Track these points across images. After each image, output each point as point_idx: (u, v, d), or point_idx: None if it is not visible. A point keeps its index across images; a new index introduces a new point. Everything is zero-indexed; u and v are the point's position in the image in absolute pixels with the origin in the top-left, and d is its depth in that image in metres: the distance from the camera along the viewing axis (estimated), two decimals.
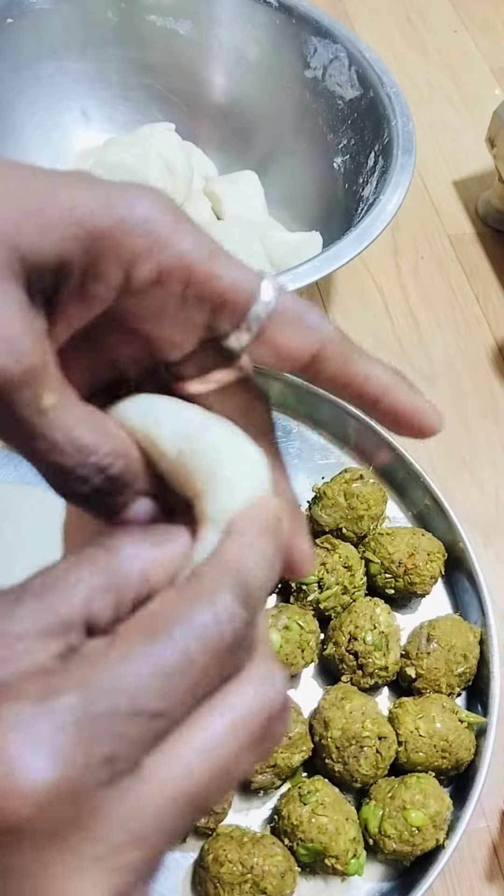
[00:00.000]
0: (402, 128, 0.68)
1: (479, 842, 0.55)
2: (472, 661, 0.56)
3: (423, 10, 1.10)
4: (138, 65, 0.80)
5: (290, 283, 0.57)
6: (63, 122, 0.80)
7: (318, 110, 0.76)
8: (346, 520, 0.60)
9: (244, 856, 0.47)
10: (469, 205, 0.91)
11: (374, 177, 0.68)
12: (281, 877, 0.47)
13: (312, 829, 0.48)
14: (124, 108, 0.82)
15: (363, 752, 0.51)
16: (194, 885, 0.50)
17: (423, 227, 0.88)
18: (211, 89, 0.81)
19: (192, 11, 0.77)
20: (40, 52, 0.76)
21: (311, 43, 0.75)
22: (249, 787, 0.52)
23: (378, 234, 0.61)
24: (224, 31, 0.78)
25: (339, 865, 0.49)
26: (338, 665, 0.56)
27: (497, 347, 0.79)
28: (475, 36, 1.08)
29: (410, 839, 0.49)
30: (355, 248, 0.60)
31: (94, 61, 0.79)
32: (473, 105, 1.00)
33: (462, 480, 0.70)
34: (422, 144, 0.70)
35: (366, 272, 0.83)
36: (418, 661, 0.56)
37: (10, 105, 0.76)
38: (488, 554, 0.66)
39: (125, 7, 0.77)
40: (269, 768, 0.51)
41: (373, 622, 0.55)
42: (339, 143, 0.74)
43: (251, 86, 0.79)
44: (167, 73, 0.81)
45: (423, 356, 0.78)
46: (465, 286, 0.84)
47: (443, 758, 0.52)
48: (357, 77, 0.72)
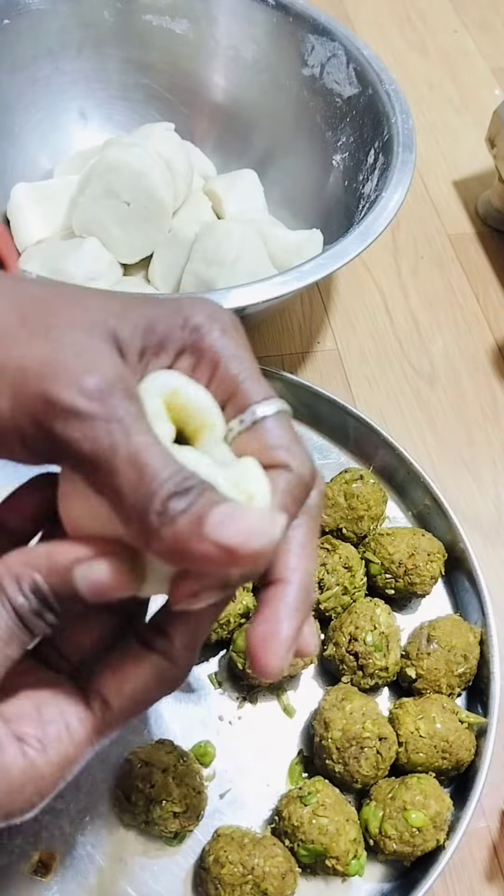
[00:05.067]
0: (402, 125, 0.68)
1: (479, 842, 0.55)
2: (472, 662, 0.56)
3: (423, 10, 1.10)
4: (136, 65, 0.80)
5: (293, 281, 0.57)
6: (61, 122, 0.80)
7: (316, 108, 0.76)
8: (346, 520, 0.60)
9: (245, 857, 0.47)
10: (469, 205, 0.90)
11: (374, 174, 0.68)
12: (282, 878, 0.47)
13: (313, 830, 0.48)
14: (122, 108, 0.82)
15: (363, 752, 0.51)
16: (195, 887, 0.50)
17: (423, 227, 0.88)
18: (209, 88, 0.81)
19: (189, 11, 0.77)
20: (37, 52, 0.75)
21: (308, 41, 0.74)
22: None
23: (381, 231, 0.61)
24: (221, 29, 0.78)
25: (340, 866, 0.48)
26: (338, 666, 0.56)
27: (497, 347, 0.79)
28: (475, 36, 1.08)
29: (411, 840, 0.49)
30: (358, 246, 0.60)
31: (92, 61, 0.79)
32: (473, 105, 1.00)
33: (462, 480, 0.70)
34: (422, 144, 0.70)
35: (366, 272, 0.83)
36: (418, 661, 0.55)
37: (9, 106, 0.76)
38: (488, 554, 0.66)
39: (122, 7, 0.77)
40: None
41: (373, 623, 0.55)
42: (339, 141, 0.74)
43: (249, 84, 0.79)
44: (165, 72, 0.80)
45: (423, 356, 0.78)
46: (465, 286, 0.83)
47: (443, 758, 0.52)
48: (355, 74, 0.72)
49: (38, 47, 0.75)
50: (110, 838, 0.51)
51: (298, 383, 0.68)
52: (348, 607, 0.57)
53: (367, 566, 0.59)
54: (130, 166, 0.68)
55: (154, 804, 0.48)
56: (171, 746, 0.51)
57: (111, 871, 0.50)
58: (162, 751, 0.50)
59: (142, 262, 0.73)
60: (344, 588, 0.57)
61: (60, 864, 0.50)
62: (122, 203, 0.69)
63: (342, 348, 0.77)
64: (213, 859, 0.47)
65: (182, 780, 0.49)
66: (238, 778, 0.54)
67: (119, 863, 0.50)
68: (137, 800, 0.49)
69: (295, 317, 0.79)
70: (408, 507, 0.66)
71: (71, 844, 0.50)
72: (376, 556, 0.59)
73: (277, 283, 0.57)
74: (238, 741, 0.55)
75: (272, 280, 0.57)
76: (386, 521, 0.64)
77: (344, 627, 0.56)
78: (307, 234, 0.72)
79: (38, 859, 0.50)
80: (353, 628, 0.55)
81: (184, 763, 0.50)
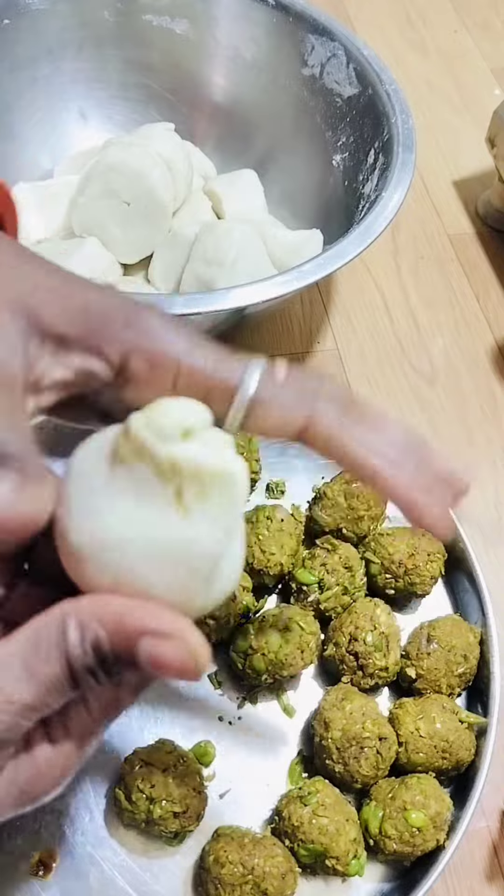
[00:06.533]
0: (402, 125, 0.68)
1: (479, 842, 0.55)
2: (472, 662, 0.56)
3: (423, 10, 1.10)
4: (136, 65, 0.80)
5: (293, 281, 0.57)
6: (61, 122, 0.80)
7: (316, 108, 0.76)
8: (346, 520, 0.60)
9: (245, 857, 0.47)
10: (469, 205, 0.90)
11: (374, 174, 0.68)
12: (282, 878, 0.47)
13: (313, 830, 0.48)
14: (122, 108, 0.82)
15: (363, 752, 0.51)
16: (195, 887, 0.50)
17: (423, 227, 0.88)
18: (209, 88, 0.81)
19: (189, 10, 0.77)
20: (37, 52, 0.75)
21: (308, 41, 0.74)
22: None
23: (381, 231, 0.61)
24: (221, 29, 0.78)
25: (340, 866, 0.48)
26: (338, 666, 0.56)
27: (497, 347, 0.79)
28: (475, 36, 1.08)
29: (411, 840, 0.49)
30: (358, 246, 0.60)
31: (92, 61, 0.79)
32: (473, 105, 1.00)
33: None
34: (422, 144, 0.70)
35: (366, 272, 0.83)
36: (418, 661, 0.55)
37: (8, 106, 0.76)
38: (488, 554, 0.66)
39: (122, 7, 0.77)
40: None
41: (373, 623, 0.55)
42: (338, 141, 0.74)
43: (249, 84, 0.79)
44: (165, 72, 0.80)
45: (423, 356, 0.78)
46: (465, 286, 0.83)
47: (443, 758, 0.52)
48: (355, 74, 0.72)
49: (38, 47, 0.75)
50: (110, 838, 0.51)
51: None
52: (348, 607, 0.57)
53: (367, 566, 0.59)
54: (130, 166, 0.68)
55: (154, 804, 0.48)
56: (171, 746, 0.51)
57: (111, 871, 0.50)
58: (162, 751, 0.50)
59: (142, 262, 0.73)
60: (344, 588, 0.57)
61: (60, 864, 0.50)
62: (122, 203, 0.69)
63: (342, 348, 0.77)
64: (213, 859, 0.47)
65: (182, 780, 0.49)
66: (238, 778, 0.54)
67: (119, 863, 0.50)
68: (137, 800, 0.49)
69: (295, 317, 0.79)
70: None
71: (71, 844, 0.50)
72: (376, 556, 0.59)
73: (277, 283, 0.57)
74: (238, 741, 0.55)
75: (272, 280, 0.57)
76: (386, 521, 0.64)
77: (344, 627, 0.56)
78: (307, 234, 0.72)
79: (38, 859, 0.50)
80: (353, 628, 0.55)
81: (184, 763, 0.50)
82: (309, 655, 0.54)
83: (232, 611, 0.55)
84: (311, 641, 0.54)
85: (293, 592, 0.58)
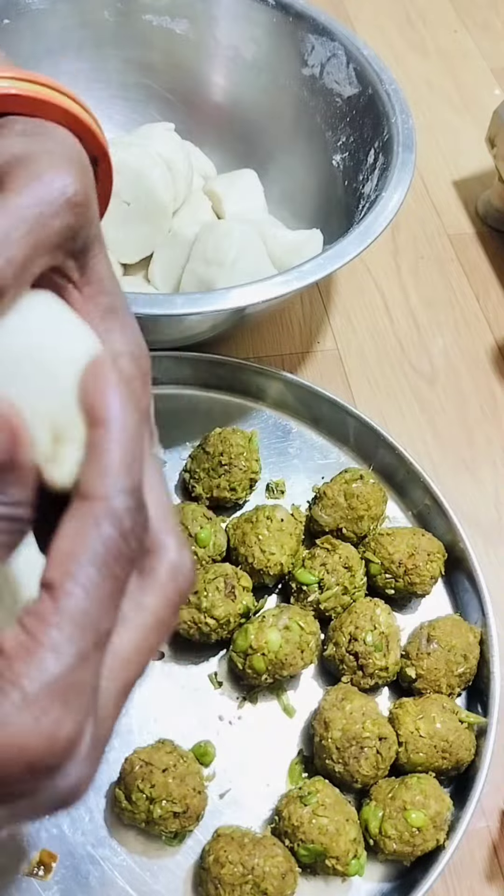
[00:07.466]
0: (402, 125, 0.68)
1: (479, 842, 0.55)
2: (472, 662, 0.56)
3: (423, 10, 1.10)
4: (136, 64, 0.80)
5: (293, 281, 0.57)
6: None
7: (316, 108, 0.76)
8: (346, 520, 0.60)
9: (245, 857, 0.47)
10: (469, 205, 0.90)
11: (374, 174, 0.68)
12: (282, 878, 0.47)
13: (313, 829, 0.48)
14: (122, 108, 0.82)
15: (363, 752, 0.51)
16: (195, 887, 0.50)
17: (423, 227, 0.88)
18: (209, 88, 0.81)
19: (189, 11, 0.77)
20: (37, 52, 0.75)
21: (308, 41, 0.74)
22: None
23: (381, 231, 0.61)
24: (221, 29, 0.78)
25: (340, 866, 0.48)
26: (338, 666, 0.56)
27: (497, 347, 0.79)
28: (475, 36, 1.08)
29: (411, 840, 0.49)
30: (358, 246, 0.60)
31: (92, 61, 0.79)
32: (473, 105, 1.00)
33: (462, 481, 0.70)
34: (422, 144, 0.70)
35: (366, 272, 0.83)
36: (418, 661, 0.55)
37: None
38: (488, 554, 0.66)
39: (122, 7, 0.77)
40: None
41: (373, 623, 0.55)
42: (338, 141, 0.74)
43: (249, 84, 0.79)
44: (165, 72, 0.80)
45: (423, 356, 0.78)
46: (465, 286, 0.83)
47: (443, 758, 0.52)
48: (355, 74, 0.72)
49: (38, 47, 0.75)
50: (110, 838, 0.51)
51: (298, 383, 0.68)
52: (348, 607, 0.57)
53: (367, 566, 0.59)
54: (130, 166, 0.68)
55: (154, 804, 0.48)
56: (171, 746, 0.51)
57: (111, 871, 0.50)
58: (162, 751, 0.50)
59: (142, 262, 0.73)
60: (344, 588, 0.57)
61: (60, 864, 0.50)
62: (122, 203, 0.69)
63: (342, 348, 0.77)
64: (213, 859, 0.47)
65: (182, 780, 0.49)
66: (238, 778, 0.54)
67: (119, 863, 0.50)
68: (137, 800, 0.49)
69: (295, 317, 0.79)
70: (408, 506, 0.66)
71: (71, 844, 0.50)
72: (376, 556, 0.59)
73: (277, 283, 0.57)
74: (238, 741, 0.55)
75: (272, 280, 0.57)
76: (386, 521, 0.64)
77: (344, 627, 0.56)
78: (307, 234, 0.72)
79: (38, 859, 0.50)
80: (353, 628, 0.55)
81: (184, 763, 0.50)
82: (309, 655, 0.54)
83: (232, 611, 0.55)
84: (311, 641, 0.54)
85: (293, 592, 0.58)
